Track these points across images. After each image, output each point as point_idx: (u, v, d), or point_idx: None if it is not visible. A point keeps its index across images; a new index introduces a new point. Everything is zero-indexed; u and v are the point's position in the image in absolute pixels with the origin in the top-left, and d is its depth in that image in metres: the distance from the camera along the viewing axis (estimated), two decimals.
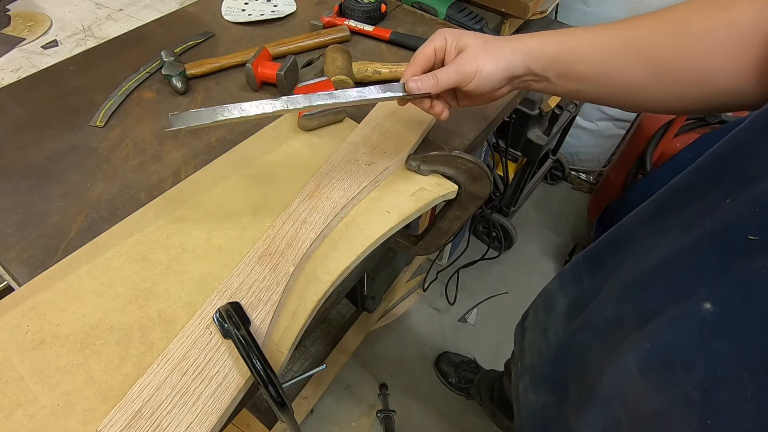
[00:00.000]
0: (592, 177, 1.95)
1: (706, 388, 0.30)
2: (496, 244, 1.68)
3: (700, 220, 0.35)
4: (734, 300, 0.29)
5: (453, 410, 1.42)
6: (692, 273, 0.33)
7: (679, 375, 0.33)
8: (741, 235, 0.30)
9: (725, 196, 0.33)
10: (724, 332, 0.29)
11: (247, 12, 0.90)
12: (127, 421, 0.40)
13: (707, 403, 0.30)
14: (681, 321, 0.33)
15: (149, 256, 0.53)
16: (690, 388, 0.32)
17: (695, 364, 0.31)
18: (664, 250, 0.38)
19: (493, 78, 0.48)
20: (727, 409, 0.29)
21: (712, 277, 0.31)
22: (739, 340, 0.28)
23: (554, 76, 0.47)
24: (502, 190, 1.50)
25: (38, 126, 0.69)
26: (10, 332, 0.47)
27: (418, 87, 0.49)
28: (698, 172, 0.39)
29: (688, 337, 0.32)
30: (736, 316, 0.29)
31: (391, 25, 0.89)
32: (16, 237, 0.56)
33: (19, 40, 0.87)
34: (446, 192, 0.60)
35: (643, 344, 0.36)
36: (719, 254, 0.31)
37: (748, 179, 0.31)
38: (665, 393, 0.34)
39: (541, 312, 0.59)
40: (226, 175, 0.61)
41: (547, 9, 0.97)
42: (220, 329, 0.45)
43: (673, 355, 0.33)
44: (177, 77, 0.74)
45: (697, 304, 0.31)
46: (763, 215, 0.29)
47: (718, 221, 0.33)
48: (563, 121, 1.33)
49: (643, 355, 0.36)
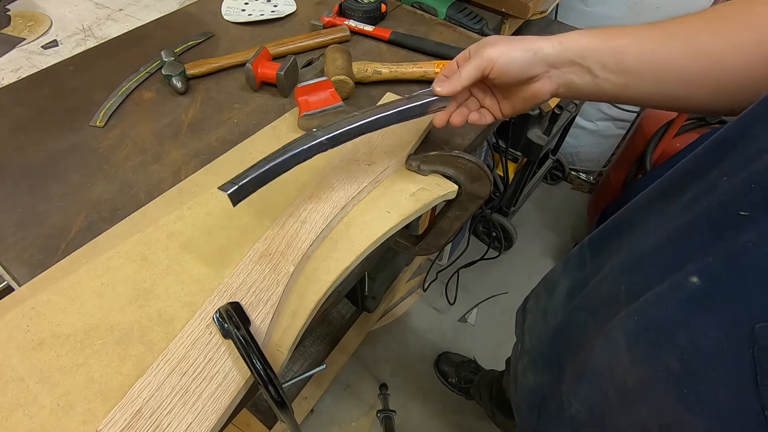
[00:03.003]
0: (592, 177, 1.95)
1: (685, 359, 0.31)
2: (496, 244, 1.68)
3: (697, 201, 0.35)
4: (720, 274, 0.30)
5: (453, 410, 1.42)
6: (684, 250, 0.34)
7: (662, 347, 0.33)
8: (733, 211, 0.30)
9: (724, 176, 0.33)
10: (708, 305, 0.30)
11: (247, 12, 0.90)
12: (127, 421, 0.40)
13: (686, 374, 0.31)
14: (669, 295, 0.33)
15: (149, 256, 0.53)
16: (671, 359, 0.32)
17: (677, 336, 0.32)
18: (661, 230, 0.38)
19: (521, 60, 0.45)
20: (704, 379, 0.29)
21: (702, 253, 0.31)
22: (721, 312, 0.29)
23: (598, 67, 0.44)
24: (502, 190, 1.50)
25: (38, 126, 0.69)
26: (10, 332, 0.47)
27: (443, 87, 0.48)
28: (701, 155, 0.39)
29: (673, 311, 0.32)
30: (720, 289, 0.29)
31: (391, 25, 0.89)
32: (16, 237, 0.56)
33: (19, 40, 0.87)
34: (446, 192, 0.60)
35: (632, 319, 0.37)
36: (711, 231, 0.32)
37: (747, 160, 0.31)
38: (648, 365, 0.35)
39: (543, 295, 0.59)
40: (226, 175, 0.60)
41: (547, 9, 0.97)
42: (220, 329, 0.45)
43: (658, 329, 0.34)
44: (177, 77, 0.74)
45: (686, 278, 0.32)
46: (756, 192, 0.29)
47: (714, 200, 0.33)
48: (563, 121, 1.33)
49: (631, 329, 0.37)
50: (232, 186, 0.45)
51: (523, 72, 0.46)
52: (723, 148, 0.35)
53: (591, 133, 1.77)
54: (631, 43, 0.42)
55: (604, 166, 1.87)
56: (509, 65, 0.45)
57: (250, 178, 0.45)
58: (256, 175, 0.45)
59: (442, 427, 1.39)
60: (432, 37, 0.86)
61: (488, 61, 0.46)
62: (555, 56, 0.45)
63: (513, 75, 0.46)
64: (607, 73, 0.44)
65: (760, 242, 0.27)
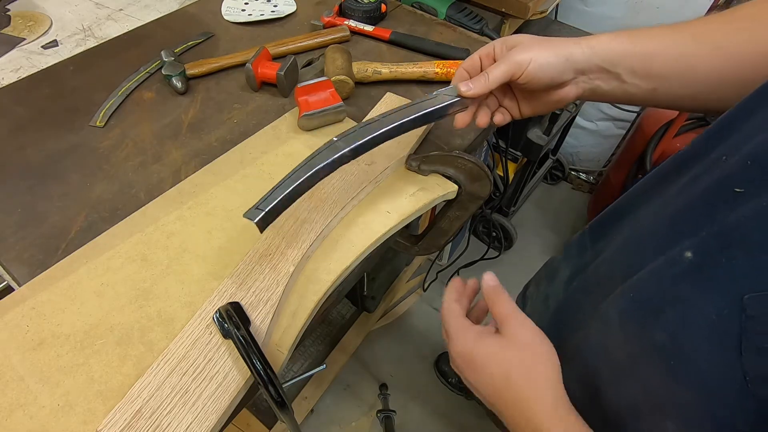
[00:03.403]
0: (592, 177, 1.95)
1: (674, 333, 0.31)
2: (496, 244, 1.68)
3: (696, 181, 0.35)
4: (712, 247, 0.30)
5: (453, 410, 1.42)
6: (680, 228, 0.34)
7: (653, 322, 0.33)
8: (729, 188, 0.31)
9: (723, 155, 0.34)
10: (700, 278, 0.30)
11: (247, 12, 0.90)
12: (127, 421, 0.40)
13: (673, 347, 0.31)
14: (662, 271, 0.34)
15: (149, 256, 0.53)
16: (660, 333, 0.32)
17: (667, 310, 0.32)
18: (659, 211, 0.39)
19: (552, 68, 0.43)
20: (691, 350, 0.30)
21: (697, 229, 0.32)
22: (711, 285, 0.29)
23: (626, 73, 0.43)
24: (502, 190, 1.50)
25: (38, 126, 0.69)
26: (10, 332, 0.47)
27: (469, 88, 0.45)
28: (704, 138, 0.39)
29: (666, 286, 0.33)
30: (712, 262, 0.30)
31: (391, 25, 0.89)
32: (16, 237, 0.56)
33: (19, 40, 0.87)
34: (446, 192, 0.60)
35: (626, 297, 0.37)
36: (707, 208, 0.32)
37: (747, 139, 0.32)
38: (639, 340, 0.35)
39: (543, 281, 0.59)
40: (226, 175, 0.61)
41: (547, 9, 0.97)
42: (220, 329, 0.45)
43: (649, 303, 0.34)
44: (177, 77, 0.74)
45: (680, 254, 0.32)
46: (753, 168, 0.30)
47: (712, 179, 0.33)
48: (563, 121, 1.33)
49: (625, 306, 0.37)
50: (258, 213, 0.41)
51: (554, 80, 0.45)
52: (725, 130, 0.36)
53: (591, 133, 1.78)
54: (660, 47, 0.42)
55: (604, 166, 1.87)
56: (540, 72, 0.44)
57: (276, 202, 0.41)
58: (282, 198, 0.41)
59: (442, 427, 1.39)
60: (432, 37, 0.86)
61: (518, 66, 0.44)
62: (584, 62, 0.44)
63: (544, 82, 0.45)
64: (635, 78, 0.43)
65: (753, 216, 0.28)
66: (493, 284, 0.42)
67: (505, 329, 0.38)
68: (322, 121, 0.67)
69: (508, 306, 0.39)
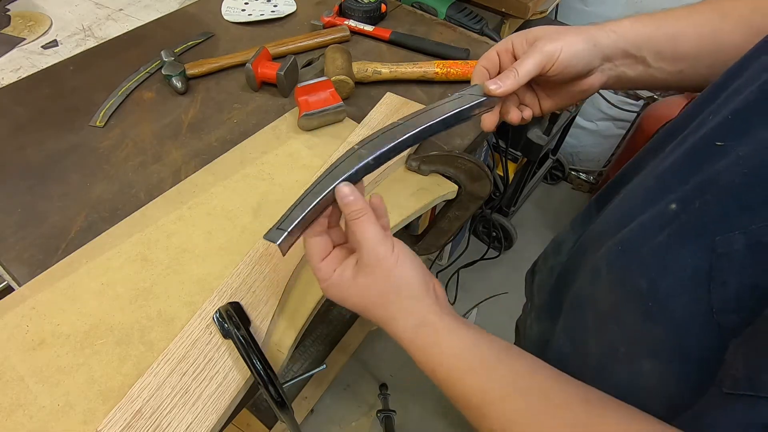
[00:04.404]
0: (592, 177, 1.95)
1: (653, 277, 0.32)
2: (496, 244, 1.68)
3: (686, 139, 0.36)
4: (691, 197, 0.31)
5: (453, 410, 1.41)
6: (668, 183, 0.35)
7: (635, 270, 0.35)
8: (711, 142, 0.32)
9: (710, 114, 0.34)
10: (678, 226, 0.32)
11: (247, 12, 0.90)
12: (127, 421, 0.40)
13: (652, 291, 0.32)
14: (649, 223, 0.35)
15: (149, 256, 0.53)
16: (640, 279, 0.34)
17: (649, 259, 0.33)
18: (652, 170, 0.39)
19: (584, 56, 0.41)
20: (666, 293, 0.31)
21: (681, 182, 0.33)
22: (687, 232, 0.31)
23: (652, 57, 0.41)
24: (502, 190, 1.50)
25: (38, 126, 0.69)
26: (10, 332, 0.47)
27: (499, 86, 0.42)
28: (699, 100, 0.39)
29: (650, 235, 0.34)
30: (690, 210, 0.31)
31: (391, 25, 0.89)
32: (16, 237, 0.56)
33: (19, 40, 0.87)
34: (446, 192, 0.60)
35: (615, 248, 0.38)
36: (692, 163, 0.33)
37: (733, 95, 0.32)
38: (622, 287, 0.36)
39: (551, 255, 0.60)
40: (226, 175, 0.61)
41: (547, 9, 0.97)
42: (220, 329, 0.45)
43: (634, 253, 0.35)
44: (177, 77, 0.74)
45: (666, 207, 0.33)
46: (733, 122, 0.31)
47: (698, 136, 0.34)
48: (563, 121, 1.33)
49: (613, 257, 0.38)
50: (280, 234, 0.37)
51: (586, 67, 0.42)
52: (717, 90, 0.36)
53: (591, 133, 1.77)
54: (685, 27, 0.40)
55: (604, 166, 1.87)
56: (572, 60, 0.41)
57: (299, 221, 0.37)
58: (305, 215, 0.37)
59: (442, 427, 1.39)
60: (432, 37, 0.86)
61: (549, 57, 0.41)
62: (611, 47, 0.42)
63: (576, 71, 0.42)
64: (661, 61, 0.42)
65: (726, 165, 0.29)
66: (347, 200, 0.38)
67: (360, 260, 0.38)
68: (322, 121, 0.67)
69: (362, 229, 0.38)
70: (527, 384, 0.33)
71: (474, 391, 0.34)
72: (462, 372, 0.35)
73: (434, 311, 0.37)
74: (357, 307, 0.39)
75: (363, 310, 0.39)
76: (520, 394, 0.32)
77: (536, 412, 0.31)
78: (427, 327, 0.37)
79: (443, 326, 0.37)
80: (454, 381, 0.35)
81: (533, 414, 0.31)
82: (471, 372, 0.34)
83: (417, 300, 0.38)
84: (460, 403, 0.35)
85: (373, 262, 0.37)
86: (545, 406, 0.31)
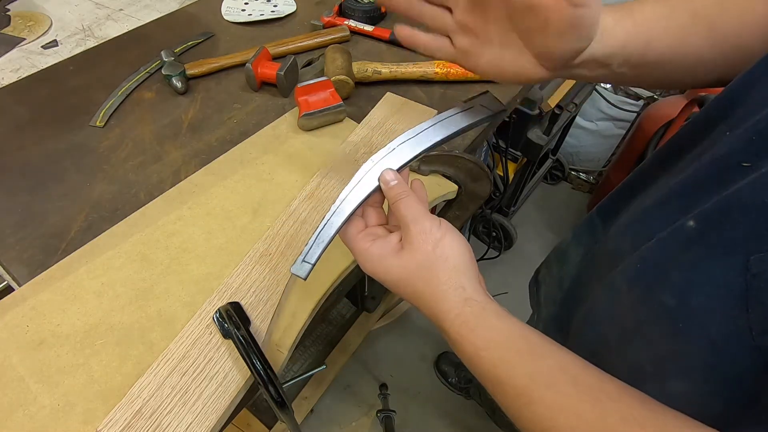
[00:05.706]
0: (592, 177, 1.95)
1: (680, 294, 0.32)
2: (496, 244, 1.68)
3: (702, 155, 0.36)
4: (712, 214, 0.31)
5: (453, 410, 1.42)
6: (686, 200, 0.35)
7: (660, 286, 0.34)
8: (734, 162, 0.31)
9: (727, 130, 0.34)
10: (703, 244, 0.31)
11: (247, 12, 0.90)
12: (127, 421, 0.40)
13: (681, 307, 0.32)
14: (668, 239, 0.35)
15: (149, 256, 0.53)
16: (667, 296, 0.33)
17: (673, 274, 0.33)
18: (667, 185, 0.39)
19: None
20: (699, 311, 0.31)
21: (702, 202, 0.33)
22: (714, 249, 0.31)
23: (618, 64, 0.39)
24: (502, 190, 1.50)
25: (38, 126, 0.69)
26: (10, 332, 0.47)
27: None
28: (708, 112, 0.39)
29: (672, 252, 0.34)
30: (713, 227, 0.31)
31: (391, 25, 0.89)
32: (16, 237, 0.56)
33: (19, 40, 0.87)
34: (446, 192, 0.60)
35: (633, 265, 0.38)
36: (712, 181, 0.33)
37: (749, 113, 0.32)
38: (646, 305, 0.36)
39: (555, 265, 0.60)
40: (226, 175, 0.61)
41: None
42: (220, 329, 0.45)
43: (656, 269, 0.35)
44: (177, 77, 0.74)
45: (684, 224, 0.33)
46: (758, 142, 0.30)
47: (717, 153, 0.34)
48: (563, 121, 1.33)
49: (633, 274, 0.38)
50: (306, 267, 0.39)
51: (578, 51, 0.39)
52: (728, 104, 0.36)
53: (591, 133, 1.77)
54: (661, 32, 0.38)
55: (604, 166, 1.87)
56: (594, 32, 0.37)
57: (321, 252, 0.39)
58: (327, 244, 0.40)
59: (442, 427, 1.39)
60: None
61: None
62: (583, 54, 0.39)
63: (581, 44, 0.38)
64: (624, 67, 0.39)
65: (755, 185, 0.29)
66: (391, 184, 0.38)
67: (405, 237, 0.37)
68: (322, 121, 0.67)
69: (406, 206, 0.37)
70: (579, 374, 0.31)
71: (521, 374, 0.32)
72: (510, 353, 0.33)
73: (480, 291, 0.36)
74: (395, 279, 0.37)
75: (400, 282, 0.37)
76: (571, 383, 0.31)
77: (589, 401, 0.30)
78: (474, 305, 0.35)
79: (491, 306, 0.35)
80: (497, 362, 0.33)
81: (585, 402, 0.30)
82: (519, 355, 0.33)
83: (463, 274, 0.36)
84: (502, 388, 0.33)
85: (419, 235, 0.36)
86: (598, 397, 0.30)
